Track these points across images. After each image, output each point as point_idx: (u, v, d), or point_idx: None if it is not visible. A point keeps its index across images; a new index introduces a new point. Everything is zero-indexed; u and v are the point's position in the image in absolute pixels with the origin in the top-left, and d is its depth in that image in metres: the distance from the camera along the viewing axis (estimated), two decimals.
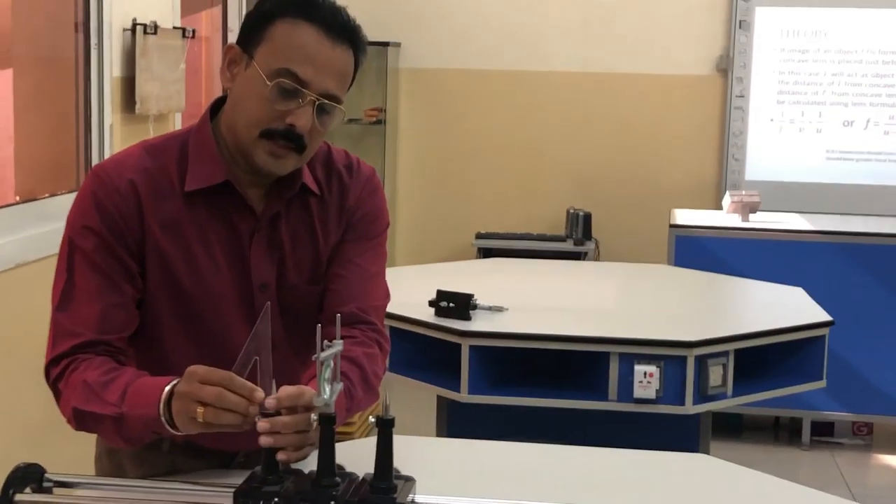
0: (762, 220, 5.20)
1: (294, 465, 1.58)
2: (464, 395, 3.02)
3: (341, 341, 1.53)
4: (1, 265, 3.29)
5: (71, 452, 2.23)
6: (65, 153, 3.99)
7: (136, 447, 1.83)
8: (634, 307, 3.54)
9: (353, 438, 4.39)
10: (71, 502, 1.51)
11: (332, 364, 1.51)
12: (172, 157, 1.85)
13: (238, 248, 1.86)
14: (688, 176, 6.18)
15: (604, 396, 3.00)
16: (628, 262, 5.13)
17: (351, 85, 1.84)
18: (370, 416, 1.52)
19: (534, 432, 3.22)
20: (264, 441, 1.53)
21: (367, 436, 4.95)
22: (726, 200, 5.33)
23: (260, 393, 1.56)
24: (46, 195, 3.72)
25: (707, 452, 3.31)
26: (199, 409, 1.55)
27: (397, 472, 1.54)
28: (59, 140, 4.01)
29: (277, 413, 1.56)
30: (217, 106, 1.90)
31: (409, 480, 1.54)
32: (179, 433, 1.64)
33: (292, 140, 1.77)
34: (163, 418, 1.63)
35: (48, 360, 1.79)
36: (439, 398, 3.37)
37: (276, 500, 1.48)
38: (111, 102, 4.09)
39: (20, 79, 3.93)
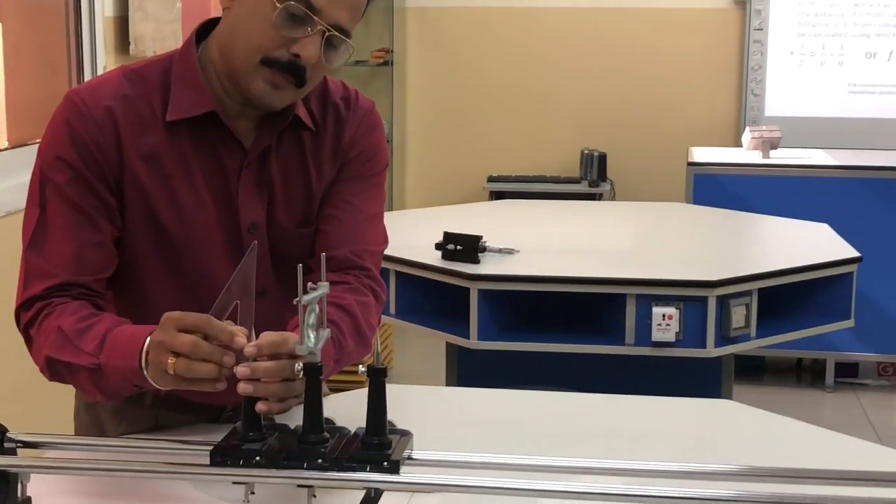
0: (783, 156, 5.02)
1: (279, 420, 1.44)
2: (473, 342, 2.88)
3: (326, 283, 1.38)
4: None
5: (58, 407, 2.11)
6: (57, 96, 3.80)
7: (114, 400, 1.69)
8: (652, 247, 3.38)
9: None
10: (34, 464, 1.37)
11: (316, 308, 1.36)
12: (154, 84, 1.69)
13: (224, 186, 1.71)
14: (705, 113, 6.00)
15: (620, 340, 2.86)
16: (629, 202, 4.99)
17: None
18: (360, 366, 1.38)
19: (548, 380, 3.10)
20: (243, 388, 1.39)
21: None
22: (746, 137, 5.15)
23: (241, 339, 1.41)
24: (38, 140, 3.57)
25: (730, 396, 3.17)
26: (171, 360, 1.41)
27: (392, 425, 1.40)
28: (50, 83, 3.86)
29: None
30: (203, 30, 1.74)
31: (405, 435, 1.40)
32: (162, 387, 1.50)
33: (293, 72, 1.62)
34: (144, 371, 1.49)
35: (19, 302, 1.65)
36: (448, 345, 3.23)
37: (257, 458, 1.34)
38: (104, 43, 3.93)
39: (8, 22, 3.77)
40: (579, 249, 3.24)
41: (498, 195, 5.76)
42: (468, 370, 3.26)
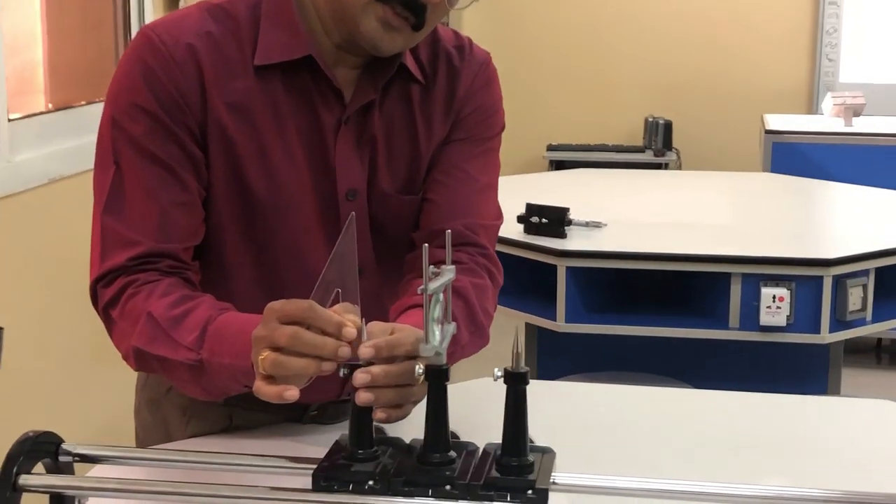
0: (867, 124, 4.71)
1: (390, 431, 1.19)
2: (560, 324, 2.63)
3: (452, 267, 1.13)
4: (33, 180, 2.94)
5: (121, 391, 1.87)
6: (102, 56, 3.61)
7: (217, 399, 1.44)
8: (751, 220, 3.10)
9: None
10: (96, 486, 1.12)
11: (441, 298, 1.10)
12: (243, 22, 1.43)
13: (320, 144, 1.45)
14: (776, 79, 5.69)
15: (723, 324, 2.59)
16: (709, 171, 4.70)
17: None
18: (496, 369, 1.12)
19: (637, 366, 2.85)
20: (364, 398, 1.14)
21: None
22: (827, 103, 4.84)
23: (351, 329, 1.16)
24: (83, 103, 3.34)
25: (838, 385, 2.90)
26: (262, 355, 1.16)
27: (530, 441, 1.14)
28: (94, 41, 3.63)
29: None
30: None
31: (547, 453, 1.14)
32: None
33: (412, 10, 1.36)
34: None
35: (95, 275, 1.39)
36: (528, 326, 2.97)
37: (370, 483, 1.08)
38: None
39: None
40: (671, 223, 2.96)
41: (558, 164, 5.52)
42: (550, 355, 3.01)
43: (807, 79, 5.67)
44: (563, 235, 2.69)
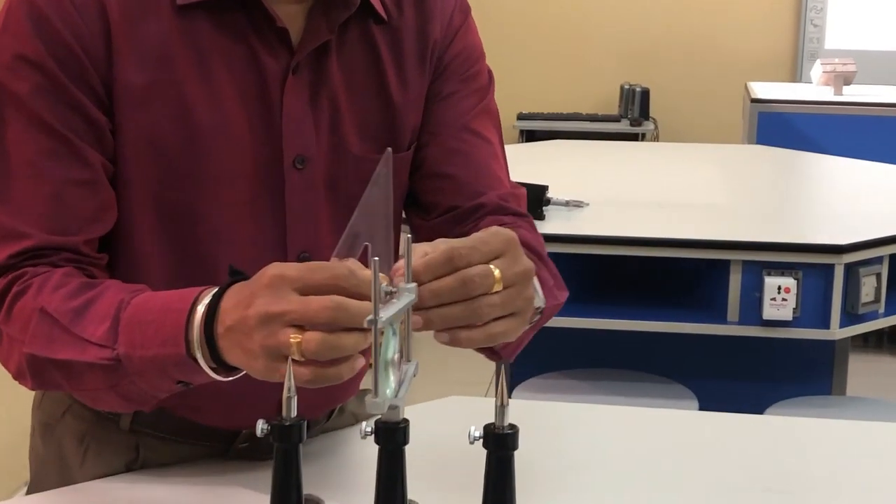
0: (858, 93, 4.44)
1: (329, 501, 0.89)
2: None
3: (413, 285, 0.83)
4: None
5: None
6: None
7: (143, 408, 1.15)
8: (750, 200, 2.79)
9: None
10: None
11: (397, 332, 0.81)
12: None
13: (262, 99, 1.16)
14: (758, 45, 5.46)
15: (721, 318, 2.31)
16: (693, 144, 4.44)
17: None
18: (472, 428, 0.82)
19: (622, 365, 2.59)
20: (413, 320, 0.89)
21: None
22: (816, 71, 4.58)
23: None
24: None
25: (843, 385, 2.63)
26: (294, 339, 0.88)
27: None
28: None
29: None
30: None
31: None
32: (229, 377, 1.00)
33: None
34: (199, 357, 0.98)
35: None
36: None
37: None
38: None
39: None
40: (660, 202, 2.67)
41: (529, 135, 5.29)
42: (523, 350, 2.72)
43: (790, 45, 5.43)
44: (540, 217, 2.40)
